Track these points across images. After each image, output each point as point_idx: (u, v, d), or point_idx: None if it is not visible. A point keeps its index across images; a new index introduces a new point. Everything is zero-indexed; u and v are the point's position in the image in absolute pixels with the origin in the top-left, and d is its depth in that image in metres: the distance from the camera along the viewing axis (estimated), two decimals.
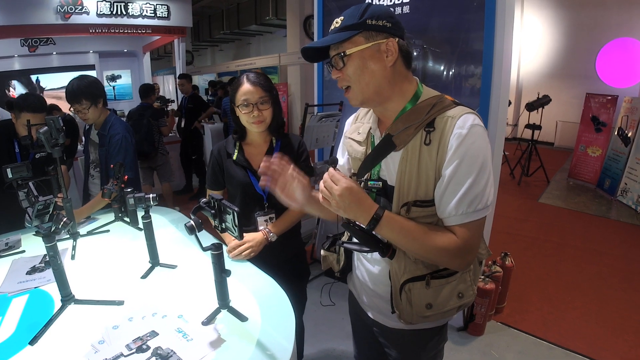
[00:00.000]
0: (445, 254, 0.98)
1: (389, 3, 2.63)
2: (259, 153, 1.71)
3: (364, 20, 0.98)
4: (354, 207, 0.97)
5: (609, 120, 5.76)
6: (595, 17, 8.35)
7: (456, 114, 0.97)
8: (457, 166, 0.95)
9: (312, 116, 2.97)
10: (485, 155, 0.96)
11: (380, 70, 1.00)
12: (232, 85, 1.67)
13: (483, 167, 0.96)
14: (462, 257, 1.00)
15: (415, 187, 1.01)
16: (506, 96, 2.34)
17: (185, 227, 1.09)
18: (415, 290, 1.05)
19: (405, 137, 1.02)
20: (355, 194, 0.96)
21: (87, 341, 1.09)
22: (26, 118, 2.11)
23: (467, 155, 0.95)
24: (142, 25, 6.80)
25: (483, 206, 0.97)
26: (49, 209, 1.51)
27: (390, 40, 0.99)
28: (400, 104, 1.05)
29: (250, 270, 1.52)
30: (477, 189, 0.95)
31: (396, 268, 1.07)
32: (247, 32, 14.97)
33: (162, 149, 4.83)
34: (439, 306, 1.06)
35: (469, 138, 0.94)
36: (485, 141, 0.97)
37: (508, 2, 2.15)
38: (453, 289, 1.06)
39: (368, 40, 0.98)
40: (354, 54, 0.99)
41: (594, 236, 4.30)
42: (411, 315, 1.07)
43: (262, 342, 1.09)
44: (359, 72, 1.00)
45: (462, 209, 0.96)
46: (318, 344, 2.55)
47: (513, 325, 2.72)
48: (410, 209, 1.02)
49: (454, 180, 0.96)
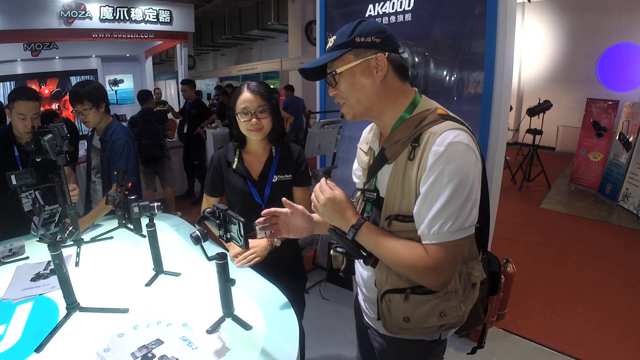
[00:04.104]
0: (414, 271, 0.98)
1: (391, 11, 2.65)
2: (259, 162, 1.73)
3: (352, 39, 1.00)
4: (336, 215, 1.07)
5: (610, 125, 5.77)
6: (596, 21, 8.38)
7: (438, 130, 0.96)
8: (432, 184, 0.94)
9: (314, 123, 2.98)
10: (464, 174, 0.93)
11: (370, 85, 1.02)
12: (233, 93, 1.69)
13: (460, 187, 0.92)
14: (433, 276, 0.98)
15: (400, 201, 1.02)
16: (507, 102, 2.35)
17: (190, 238, 1.09)
18: (394, 301, 1.05)
19: (394, 151, 1.03)
20: (338, 204, 1.05)
21: (92, 349, 1.10)
22: (20, 107, 2.08)
23: (443, 174, 0.92)
24: (144, 30, 6.85)
25: (458, 228, 0.94)
26: (54, 217, 1.52)
27: (378, 55, 1.00)
28: (394, 117, 1.06)
29: (254, 278, 1.53)
30: (450, 209, 0.92)
31: (379, 277, 1.09)
32: (249, 37, 15.06)
33: (167, 153, 4.90)
34: (416, 321, 1.04)
35: (445, 156, 0.92)
36: (466, 160, 0.93)
37: (510, 8, 2.17)
38: (433, 307, 1.03)
39: (357, 57, 1.00)
40: (345, 72, 1.02)
41: (595, 242, 4.29)
42: (391, 325, 1.08)
43: (266, 350, 1.09)
44: (350, 88, 1.03)
45: (434, 228, 0.94)
46: (320, 349, 2.55)
47: (515, 332, 2.72)
48: (391, 223, 1.03)
49: (428, 199, 0.95)
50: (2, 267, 1.63)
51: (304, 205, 1.84)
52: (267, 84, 1.71)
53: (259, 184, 1.71)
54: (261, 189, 1.70)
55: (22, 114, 2.07)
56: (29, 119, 2.09)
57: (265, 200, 1.70)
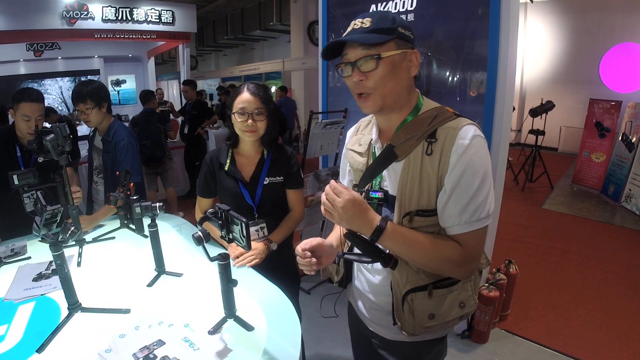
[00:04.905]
0: (450, 263, 0.99)
1: (394, 11, 2.64)
2: (250, 164, 1.75)
3: (396, 27, 0.98)
4: (357, 218, 0.96)
5: (612, 126, 5.74)
6: (599, 22, 8.36)
7: (458, 125, 0.99)
8: (460, 176, 0.96)
9: (316, 123, 2.98)
10: (487, 165, 0.98)
11: (405, 79, 1.02)
12: (233, 92, 1.70)
13: (485, 177, 0.97)
14: (466, 265, 1.01)
15: (417, 196, 1.01)
16: (510, 102, 2.34)
17: (192, 238, 1.09)
18: (417, 300, 1.05)
19: (407, 147, 1.02)
20: (359, 206, 0.95)
21: (94, 350, 1.10)
22: (24, 109, 2.07)
23: (470, 166, 0.96)
24: (147, 30, 6.86)
25: (485, 215, 0.99)
26: (56, 218, 1.52)
27: (415, 51, 1.02)
28: (404, 115, 1.06)
29: (256, 278, 1.53)
30: (479, 198, 0.97)
31: (398, 278, 1.07)
32: (251, 38, 15.06)
33: (169, 154, 4.90)
34: (441, 316, 1.06)
35: (471, 149, 0.96)
36: (486, 152, 0.99)
37: (512, 9, 2.16)
38: (455, 299, 1.07)
39: (399, 48, 0.99)
40: (387, 59, 0.97)
41: (598, 243, 4.28)
42: (413, 327, 1.07)
43: (268, 351, 1.09)
44: (387, 77, 0.98)
45: (465, 217, 0.97)
46: (321, 352, 2.55)
47: (517, 333, 2.71)
48: (412, 219, 1.02)
49: (457, 190, 0.97)
50: (4, 267, 1.63)
51: (298, 206, 1.85)
52: (267, 87, 1.72)
53: (251, 186, 1.71)
54: (252, 191, 1.71)
55: (26, 116, 2.08)
56: (33, 121, 2.09)
57: (256, 202, 1.71)
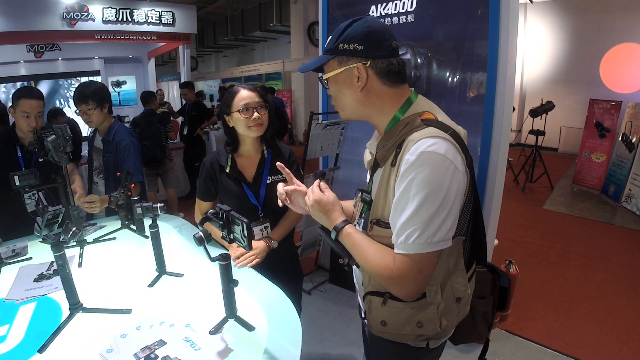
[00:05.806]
0: (380, 278, 1.00)
1: (394, 12, 2.65)
2: (252, 164, 1.75)
3: (336, 45, 1.00)
4: (322, 216, 1.10)
5: (613, 126, 5.74)
6: (599, 22, 8.35)
7: (416, 137, 0.92)
8: (401, 193, 0.91)
9: (317, 124, 2.98)
10: (436, 185, 0.88)
11: (352, 94, 1.03)
12: (226, 96, 1.69)
13: (429, 198, 0.88)
14: (397, 286, 0.96)
15: (382, 206, 1.01)
16: (510, 102, 2.34)
17: (194, 239, 1.10)
18: (374, 303, 1.07)
19: (383, 155, 1.02)
20: (324, 206, 1.08)
21: (95, 350, 1.10)
22: (24, 105, 2.08)
23: (411, 184, 0.89)
24: (147, 31, 6.86)
25: (424, 241, 0.90)
26: (58, 218, 1.52)
27: (358, 65, 0.98)
28: (385, 120, 1.04)
29: (256, 279, 1.53)
30: (416, 221, 0.89)
31: (364, 278, 1.12)
32: (251, 39, 15.06)
33: (169, 155, 4.91)
34: (393, 327, 1.05)
35: (414, 166, 0.89)
36: (439, 170, 0.88)
37: (512, 9, 2.16)
38: (410, 317, 1.02)
39: (341, 65, 1.01)
40: (330, 79, 1.04)
41: (598, 243, 4.28)
42: (372, 325, 1.10)
43: (269, 350, 1.09)
44: (337, 94, 1.06)
45: (400, 238, 0.92)
46: (323, 350, 2.55)
47: (517, 333, 2.71)
48: (372, 227, 1.04)
49: (397, 208, 0.93)
50: (5, 267, 1.64)
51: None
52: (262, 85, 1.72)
53: (254, 186, 1.72)
54: (256, 191, 1.72)
55: (26, 112, 2.09)
56: (32, 117, 2.10)
57: (261, 201, 1.72)
